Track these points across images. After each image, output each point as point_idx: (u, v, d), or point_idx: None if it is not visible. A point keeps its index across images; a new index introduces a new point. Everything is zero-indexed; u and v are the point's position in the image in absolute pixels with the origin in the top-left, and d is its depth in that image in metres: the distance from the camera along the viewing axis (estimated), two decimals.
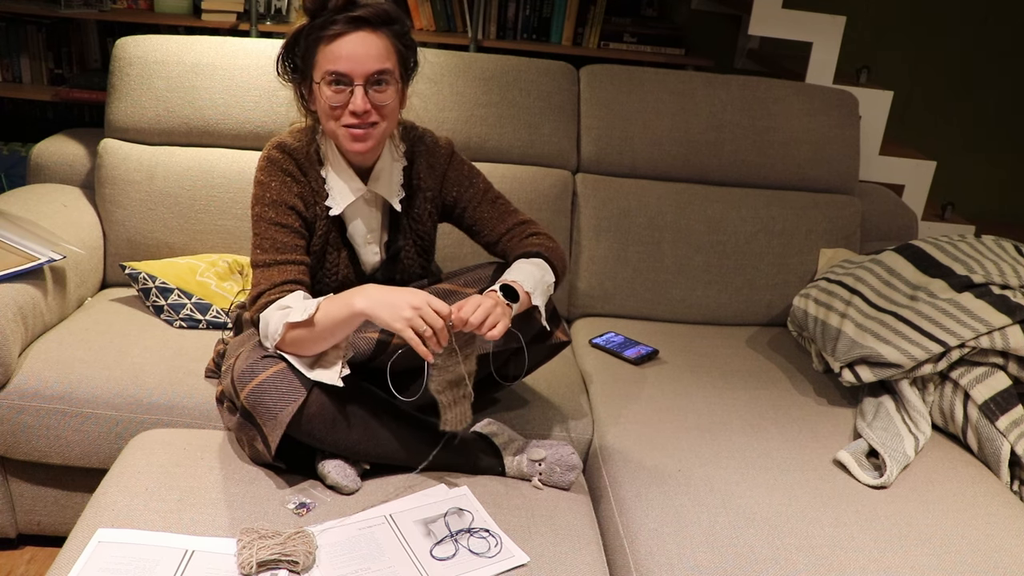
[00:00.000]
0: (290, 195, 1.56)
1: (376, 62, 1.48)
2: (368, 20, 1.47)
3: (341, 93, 1.48)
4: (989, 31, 3.53)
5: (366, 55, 1.47)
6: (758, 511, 1.51)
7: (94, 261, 2.11)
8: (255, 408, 1.44)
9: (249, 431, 1.48)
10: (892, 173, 2.89)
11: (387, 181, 1.63)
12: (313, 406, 1.45)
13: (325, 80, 1.48)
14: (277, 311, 1.47)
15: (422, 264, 1.73)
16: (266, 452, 1.44)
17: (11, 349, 1.70)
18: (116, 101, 2.17)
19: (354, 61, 1.46)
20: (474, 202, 1.70)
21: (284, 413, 1.41)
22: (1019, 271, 1.96)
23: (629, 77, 2.36)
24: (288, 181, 1.56)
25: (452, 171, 1.70)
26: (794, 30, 2.78)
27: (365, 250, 1.67)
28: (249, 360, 1.47)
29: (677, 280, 2.30)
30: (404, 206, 1.67)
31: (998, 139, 3.72)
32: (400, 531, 1.39)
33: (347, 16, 1.46)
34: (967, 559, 1.44)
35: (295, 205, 1.56)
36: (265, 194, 1.55)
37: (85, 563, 1.26)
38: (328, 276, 1.65)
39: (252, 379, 1.44)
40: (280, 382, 1.43)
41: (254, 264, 1.55)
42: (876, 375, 1.84)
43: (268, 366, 1.45)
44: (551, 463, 1.56)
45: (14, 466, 1.79)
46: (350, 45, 1.46)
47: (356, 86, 1.47)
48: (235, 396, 1.49)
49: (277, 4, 2.97)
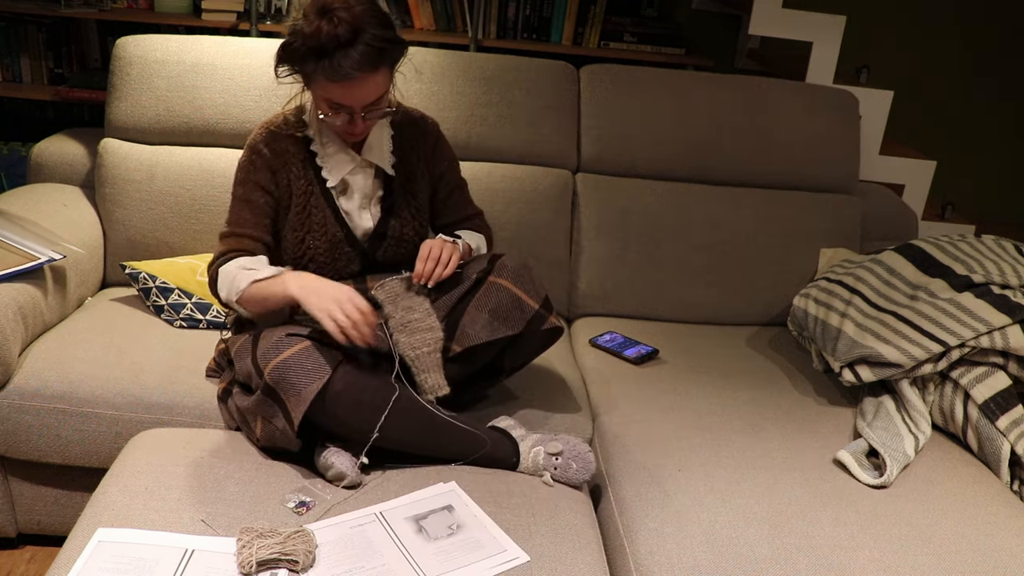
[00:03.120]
0: (257, 173, 1.66)
1: (374, 94, 1.56)
2: (369, 62, 1.51)
3: (339, 115, 1.58)
4: (989, 31, 3.53)
5: (365, 93, 1.55)
6: (758, 511, 1.51)
7: (94, 261, 2.11)
8: (279, 383, 1.44)
9: (269, 408, 1.49)
10: (892, 173, 2.89)
11: (379, 148, 1.72)
12: (338, 384, 1.46)
13: (326, 104, 1.57)
14: (242, 269, 1.58)
15: (416, 228, 1.77)
16: (288, 429, 1.46)
17: (11, 349, 1.70)
18: (116, 101, 2.17)
19: (354, 100, 1.55)
20: (451, 186, 1.85)
21: (308, 390, 1.43)
22: (1019, 271, 1.96)
23: (629, 77, 2.36)
24: (257, 160, 1.66)
25: (442, 143, 1.83)
26: (794, 30, 2.79)
27: (359, 215, 1.72)
28: (273, 337, 1.49)
29: (677, 280, 2.30)
30: (396, 170, 1.75)
31: (998, 139, 3.72)
32: (392, 529, 1.39)
33: (351, 62, 1.49)
34: (967, 559, 1.44)
35: (260, 182, 1.66)
36: (239, 173, 1.68)
37: (85, 563, 1.26)
38: (317, 239, 1.69)
39: (277, 355, 1.46)
40: (305, 359, 1.45)
41: (219, 236, 1.67)
42: (876, 375, 1.84)
43: (293, 343, 1.47)
44: (568, 458, 1.56)
45: (14, 466, 1.79)
46: (349, 91, 1.54)
47: (356, 115, 1.57)
48: (256, 374, 1.51)
49: (277, 4, 2.97)
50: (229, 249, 1.64)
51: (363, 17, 1.50)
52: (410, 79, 2.21)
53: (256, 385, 1.52)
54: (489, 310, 1.63)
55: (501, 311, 1.63)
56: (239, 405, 1.59)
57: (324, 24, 1.48)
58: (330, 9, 1.49)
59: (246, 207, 1.66)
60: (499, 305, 1.63)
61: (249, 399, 1.55)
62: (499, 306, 1.63)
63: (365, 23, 1.50)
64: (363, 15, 1.50)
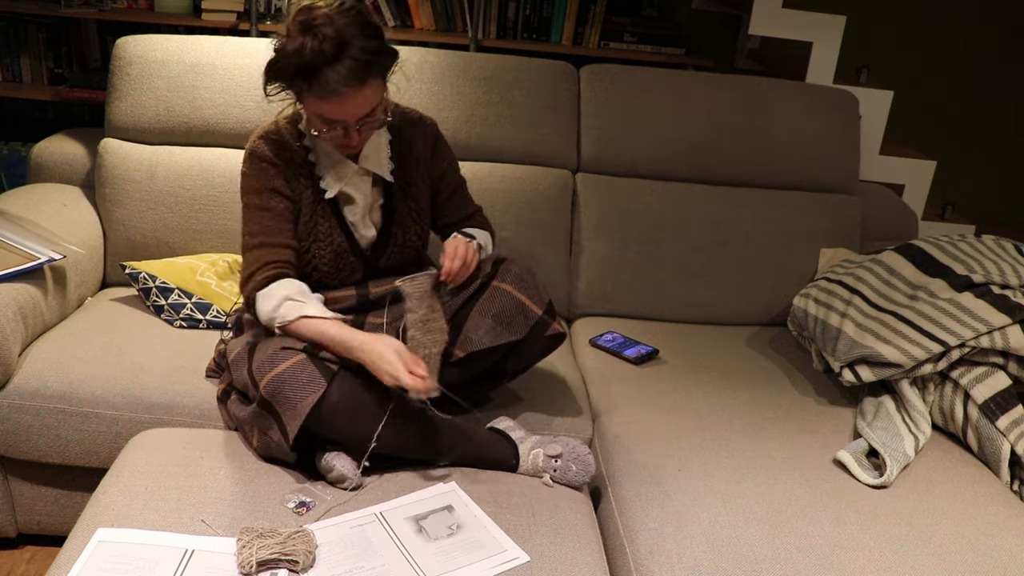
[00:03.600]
0: (272, 180, 1.62)
1: (366, 106, 1.53)
2: (357, 77, 1.47)
3: (333, 130, 1.54)
4: (989, 31, 3.53)
5: (357, 107, 1.52)
6: (758, 511, 1.51)
7: (94, 261, 2.11)
8: (274, 397, 1.44)
9: (264, 421, 1.49)
10: (892, 173, 2.89)
11: (376, 157, 1.69)
12: (334, 396, 1.46)
13: (319, 119, 1.53)
14: (287, 300, 1.53)
15: (418, 233, 1.76)
16: (283, 442, 1.45)
17: (11, 349, 1.70)
18: (116, 101, 2.17)
19: (347, 114, 1.52)
20: (452, 186, 1.83)
21: (304, 403, 1.42)
22: (1019, 271, 1.96)
23: (629, 77, 2.36)
24: (267, 167, 1.62)
25: (441, 143, 1.81)
26: (794, 30, 2.79)
27: (363, 224, 1.71)
28: (269, 350, 1.49)
29: (677, 280, 2.30)
30: (395, 176, 1.73)
31: (998, 139, 3.72)
32: (392, 529, 1.39)
33: (339, 78, 1.45)
34: (967, 559, 1.44)
35: (278, 188, 1.63)
36: (249, 184, 1.63)
37: (85, 563, 1.26)
38: (322, 249, 1.68)
39: (272, 368, 1.45)
40: (300, 372, 1.45)
41: (244, 249, 1.61)
42: (876, 375, 1.84)
43: (288, 356, 1.46)
44: (567, 460, 1.56)
45: (14, 466, 1.79)
46: (340, 107, 1.50)
47: (350, 127, 1.54)
48: (252, 386, 1.50)
49: (277, 3, 2.97)
50: (264, 263, 1.58)
51: (348, 30, 1.45)
52: (411, 79, 2.21)
53: (252, 396, 1.52)
54: (492, 315, 1.62)
55: (504, 316, 1.62)
56: (236, 414, 1.59)
57: (308, 40, 1.44)
58: (313, 25, 1.45)
59: (267, 215, 1.61)
60: (503, 310, 1.62)
61: (246, 409, 1.55)
62: (503, 311, 1.62)
63: (350, 36, 1.45)
64: (347, 28, 1.45)
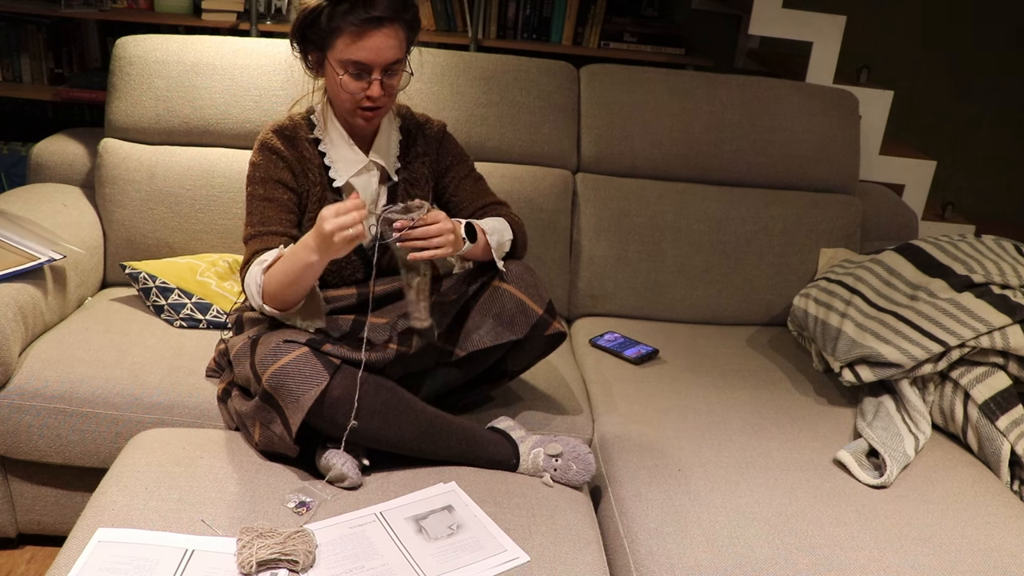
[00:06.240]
0: (278, 171, 1.63)
1: (393, 53, 1.56)
2: (389, 18, 1.53)
3: (359, 81, 1.56)
4: (989, 30, 3.53)
5: (386, 48, 1.55)
6: (758, 511, 1.51)
7: (94, 261, 2.11)
8: (277, 390, 1.45)
9: (267, 414, 1.49)
10: (892, 173, 2.89)
11: (385, 151, 1.71)
12: (336, 390, 1.46)
13: (344, 68, 1.56)
14: (256, 266, 1.55)
15: None
16: (285, 435, 1.45)
17: (11, 349, 1.70)
18: (116, 101, 2.17)
19: (375, 54, 1.54)
20: (461, 175, 1.80)
21: (306, 396, 1.43)
22: (1019, 271, 1.96)
23: (629, 77, 2.36)
24: (275, 159, 1.64)
25: (448, 142, 1.81)
26: (794, 30, 2.78)
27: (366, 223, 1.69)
28: (271, 343, 1.49)
29: (677, 280, 2.30)
30: (400, 175, 1.74)
31: (998, 139, 3.72)
32: (392, 529, 1.39)
33: (370, 16, 1.51)
34: (967, 559, 1.44)
35: (284, 180, 1.64)
36: (255, 173, 1.64)
37: (85, 563, 1.26)
38: None
39: (275, 361, 1.45)
40: (303, 365, 1.45)
41: (244, 240, 1.62)
42: (876, 375, 1.84)
43: (291, 349, 1.47)
44: (567, 459, 1.56)
45: (14, 466, 1.79)
46: (372, 41, 1.53)
47: (374, 77, 1.56)
48: (255, 379, 1.50)
49: (277, 4, 2.97)
50: (258, 250, 1.59)
51: None
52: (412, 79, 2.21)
53: (255, 390, 1.52)
54: (493, 315, 1.63)
55: (505, 316, 1.63)
56: (238, 409, 1.59)
57: None
58: None
59: (269, 205, 1.62)
60: (503, 310, 1.63)
61: (248, 404, 1.55)
62: (503, 311, 1.63)
63: None
64: None
